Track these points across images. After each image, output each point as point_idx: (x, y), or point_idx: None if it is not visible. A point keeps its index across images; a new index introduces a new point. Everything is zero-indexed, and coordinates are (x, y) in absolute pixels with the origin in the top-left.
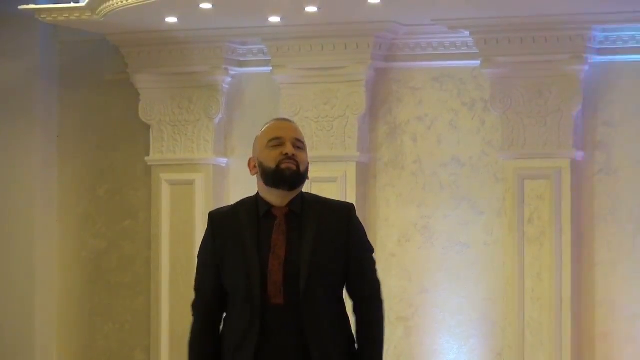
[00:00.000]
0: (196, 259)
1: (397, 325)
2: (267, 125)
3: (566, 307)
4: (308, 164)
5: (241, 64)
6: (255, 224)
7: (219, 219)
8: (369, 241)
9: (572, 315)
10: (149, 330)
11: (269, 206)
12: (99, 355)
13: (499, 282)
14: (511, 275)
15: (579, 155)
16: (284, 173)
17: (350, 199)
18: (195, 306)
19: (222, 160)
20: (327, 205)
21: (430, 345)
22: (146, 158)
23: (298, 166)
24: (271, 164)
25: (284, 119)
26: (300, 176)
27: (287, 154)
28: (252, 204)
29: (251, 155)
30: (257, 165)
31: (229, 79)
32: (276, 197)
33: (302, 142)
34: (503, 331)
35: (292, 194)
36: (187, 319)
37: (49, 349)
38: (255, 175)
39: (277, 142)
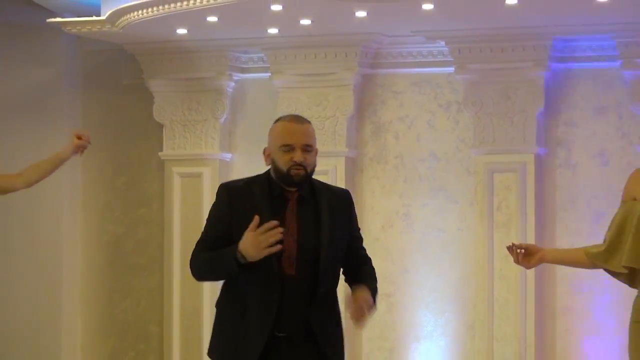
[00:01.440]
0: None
1: (381, 301)
2: (282, 123)
3: (530, 285)
4: (315, 161)
5: (243, 71)
6: (269, 202)
7: (234, 191)
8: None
9: (535, 292)
10: (162, 306)
11: (282, 189)
12: (118, 327)
13: (471, 263)
14: (482, 257)
15: (542, 151)
16: (293, 178)
17: None
18: (196, 249)
19: (227, 156)
20: (332, 190)
21: (410, 318)
22: (159, 153)
23: (306, 170)
24: (282, 167)
25: (297, 120)
26: (307, 177)
27: (296, 161)
28: (265, 183)
29: (266, 146)
30: (270, 158)
31: (232, 84)
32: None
33: (311, 145)
34: (474, 306)
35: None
36: (196, 296)
37: (73, 322)
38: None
39: (288, 148)
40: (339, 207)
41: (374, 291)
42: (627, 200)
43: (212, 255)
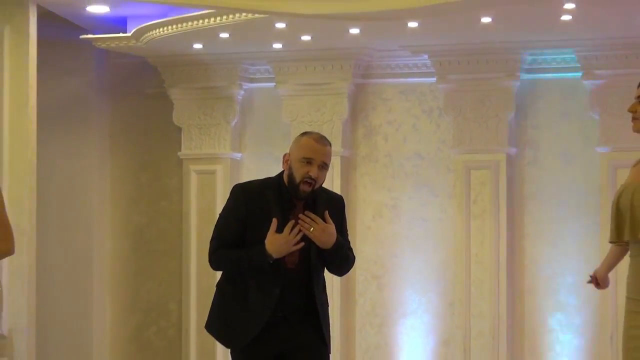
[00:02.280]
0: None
1: (372, 282)
2: (309, 139)
3: (502, 268)
4: (324, 178)
5: (252, 81)
6: (279, 205)
7: (250, 193)
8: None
9: (507, 274)
10: (180, 287)
11: (291, 194)
12: (142, 305)
13: (451, 249)
14: (460, 244)
15: (513, 150)
16: (300, 193)
17: (336, 185)
18: (215, 245)
19: (237, 155)
20: (329, 195)
21: (397, 297)
22: (178, 153)
23: (314, 186)
24: (297, 177)
25: (322, 141)
26: (312, 194)
27: (311, 176)
28: (277, 187)
29: (287, 152)
30: (288, 164)
31: (242, 92)
32: None
33: (327, 164)
34: (454, 287)
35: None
36: (210, 278)
37: (103, 300)
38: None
39: (307, 161)
40: (333, 209)
41: (341, 247)
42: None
43: (238, 255)
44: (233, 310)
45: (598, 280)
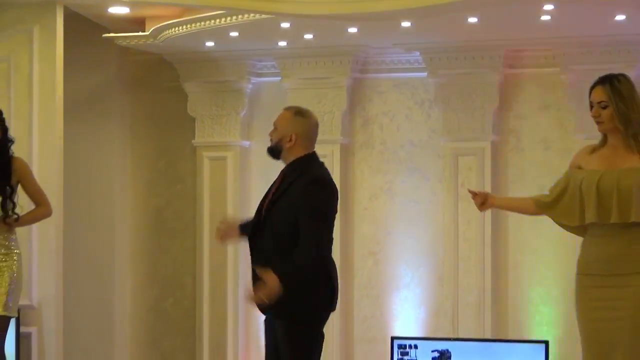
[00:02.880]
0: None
1: (369, 258)
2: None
3: (487, 245)
4: (276, 136)
5: (259, 75)
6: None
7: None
8: (316, 215)
9: (491, 251)
10: (195, 262)
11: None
12: (159, 279)
13: (440, 228)
14: (449, 223)
15: (497, 138)
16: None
17: (336, 170)
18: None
19: (246, 143)
20: (305, 175)
21: (391, 272)
22: (192, 141)
23: (271, 143)
24: None
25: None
26: (271, 152)
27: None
28: None
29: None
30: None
31: (250, 86)
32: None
33: (274, 124)
34: (443, 262)
35: (288, 161)
36: (221, 255)
37: (124, 274)
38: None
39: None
40: (298, 185)
41: (285, 271)
42: (571, 166)
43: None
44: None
45: (483, 201)
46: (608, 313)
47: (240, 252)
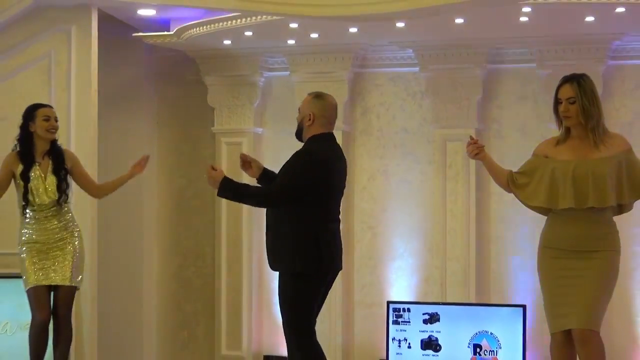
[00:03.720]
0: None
1: (367, 231)
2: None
3: (472, 220)
4: (302, 119)
5: (270, 70)
6: None
7: None
8: (290, 171)
9: (476, 225)
10: (213, 235)
11: None
12: (182, 250)
13: (430, 205)
14: (438, 201)
15: (481, 126)
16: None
17: None
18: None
19: (259, 130)
20: (305, 146)
21: (387, 244)
22: (212, 128)
23: (299, 123)
24: None
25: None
26: (296, 132)
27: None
28: None
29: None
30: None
31: (263, 79)
32: None
33: (299, 109)
34: (433, 235)
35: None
36: (237, 229)
37: (151, 246)
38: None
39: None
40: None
41: (235, 185)
42: (538, 154)
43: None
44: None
45: (478, 152)
46: (573, 280)
47: (253, 227)
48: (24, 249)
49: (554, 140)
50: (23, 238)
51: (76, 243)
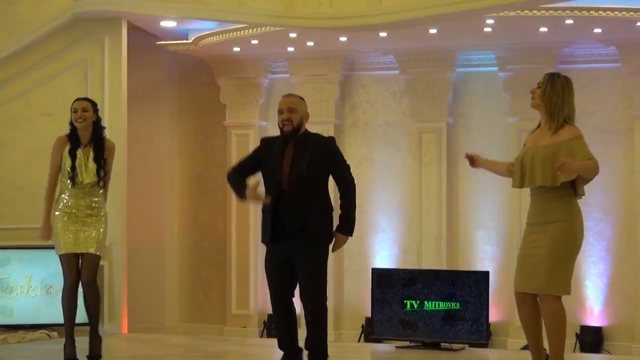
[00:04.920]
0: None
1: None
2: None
3: (443, 200)
4: (298, 118)
5: (273, 73)
6: (281, 146)
7: (266, 141)
8: (344, 159)
9: (446, 204)
10: (225, 211)
11: (287, 138)
12: (199, 225)
13: (409, 187)
14: (415, 184)
15: (451, 120)
16: (285, 133)
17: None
18: (232, 167)
19: (264, 123)
20: (319, 138)
21: (372, 220)
22: (224, 122)
23: (293, 125)
24: (279, 125)
25: (286, 96)
26: (295, 131)
27: (282, 119)
28: (280, 137)
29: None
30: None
31: (267, 81)
32: None
33: (293, 107)
34: (410, 213)
35: (298, 135)
36: (245, 207)
37: (172, 222)
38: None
39: (279, 111)
40: (322, 148)
41: (346, 221)
42: (524, 145)
43: (237, 180)
44: (263, 218)
45: (472, 161)
46: (534, 250)
47: (259, 206)
48: (58, 214)
49: (532, 129)
50: (60, 206)
51: (102, 221)
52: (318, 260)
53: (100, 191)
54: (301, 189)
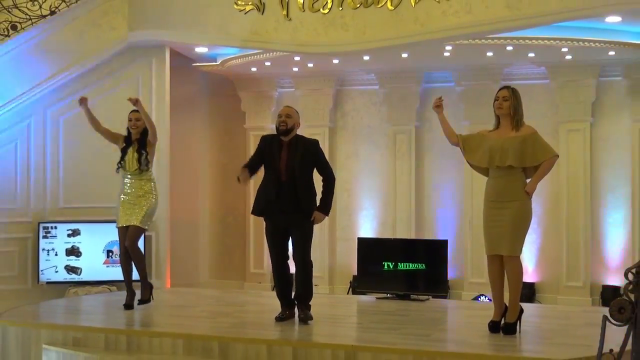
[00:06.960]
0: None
1: (344, 192)
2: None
3: (412, 185)
4: (293, 123)
5: (282, 87)
6: (278, 146)
7: (265, 139)
8: (326, 159)
9: (414, 188)
10: (245, 193)
11: (281, 139)
12: (225, 204)
13: (386, 176)
14: (391, 173)
15: (418, 124)
16: (280, 131)
17: (325, 144)
18: (245, 164)
19: (274, 126)
20: (306, 140)
21: (358, 200)
22: (244, 125)
23: (287, 125)
24: (276, 125)
25: (285, 107)
26: (288, 132)
27: (279, 121)
28: (277, 137)
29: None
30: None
31: (277, 94)
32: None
33: (289, 114)
34: (387, 195)
35: (290, 137)
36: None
37: (204, 202)
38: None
39: (278, 116)
40: (308, 148)
41: (325, 204)
42: (480, 133)
43: (245, 173)
44: (259, 193)
45: (441, 108)
46: (498, 224)
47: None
48: (120, 195)
49: (488, 129)
50: (120, 191)
51: (149, 201)
52: (306, 230)
53: (147, 178)
54: (294, 180)
